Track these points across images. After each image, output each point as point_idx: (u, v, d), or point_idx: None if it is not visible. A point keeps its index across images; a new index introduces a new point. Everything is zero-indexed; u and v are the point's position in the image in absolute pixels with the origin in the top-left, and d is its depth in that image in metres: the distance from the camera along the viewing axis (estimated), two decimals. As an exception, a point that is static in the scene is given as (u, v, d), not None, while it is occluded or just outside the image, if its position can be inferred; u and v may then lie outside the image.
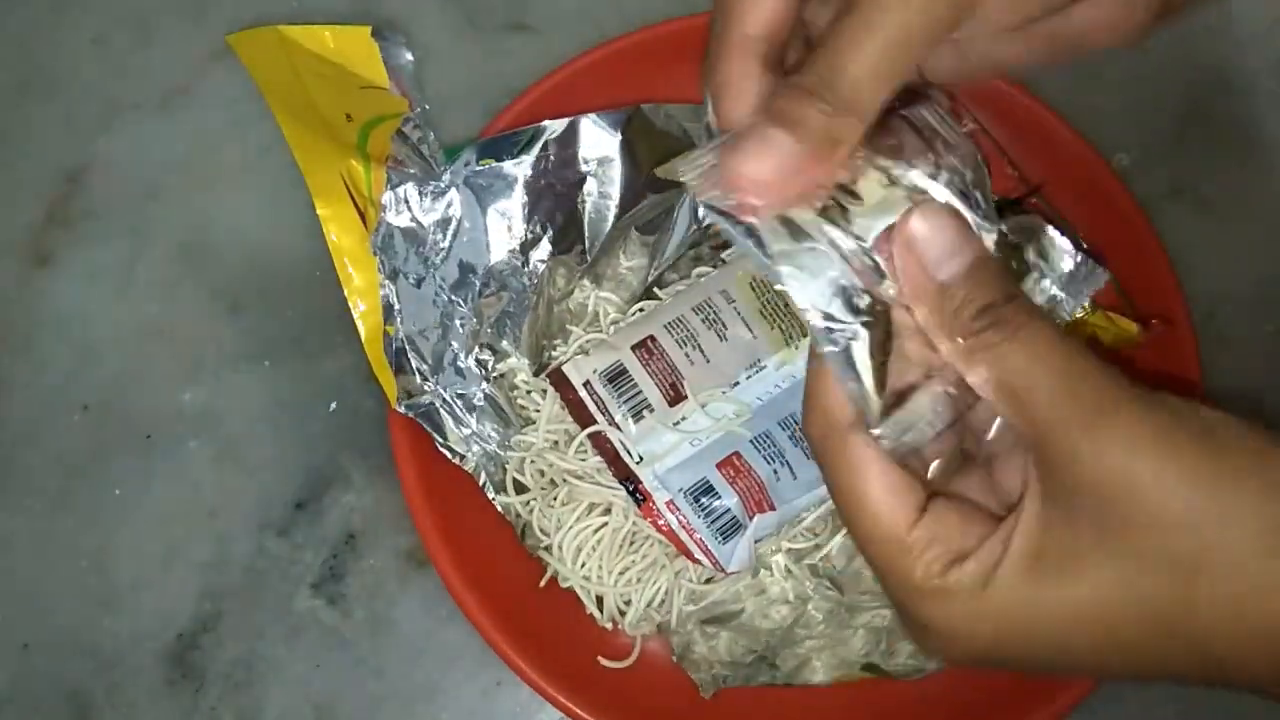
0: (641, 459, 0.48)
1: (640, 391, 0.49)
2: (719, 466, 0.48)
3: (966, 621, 0.29)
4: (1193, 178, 0.58)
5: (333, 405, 0.55)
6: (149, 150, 0.59)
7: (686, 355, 0.49)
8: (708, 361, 0.49)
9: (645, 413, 0.48)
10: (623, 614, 0.50)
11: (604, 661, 0.49)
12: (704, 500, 0.47)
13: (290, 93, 0.46)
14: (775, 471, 0.48)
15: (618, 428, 0.48)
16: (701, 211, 0.32)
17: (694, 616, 0.50)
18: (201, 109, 0.59)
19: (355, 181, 0.47)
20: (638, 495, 0.48)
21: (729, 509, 0.47)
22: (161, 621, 0.52)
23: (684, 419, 0.48)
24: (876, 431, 0.30)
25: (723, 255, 0.54)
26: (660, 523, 0.48)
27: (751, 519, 0.48)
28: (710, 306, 0.50)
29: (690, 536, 0.47)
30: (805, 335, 0.50)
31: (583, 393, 0.49)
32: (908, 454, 0.31)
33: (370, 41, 0.43)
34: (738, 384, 0.49)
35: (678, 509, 0.47)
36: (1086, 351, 0.29)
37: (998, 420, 0.31)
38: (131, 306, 0.56)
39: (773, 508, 0.48)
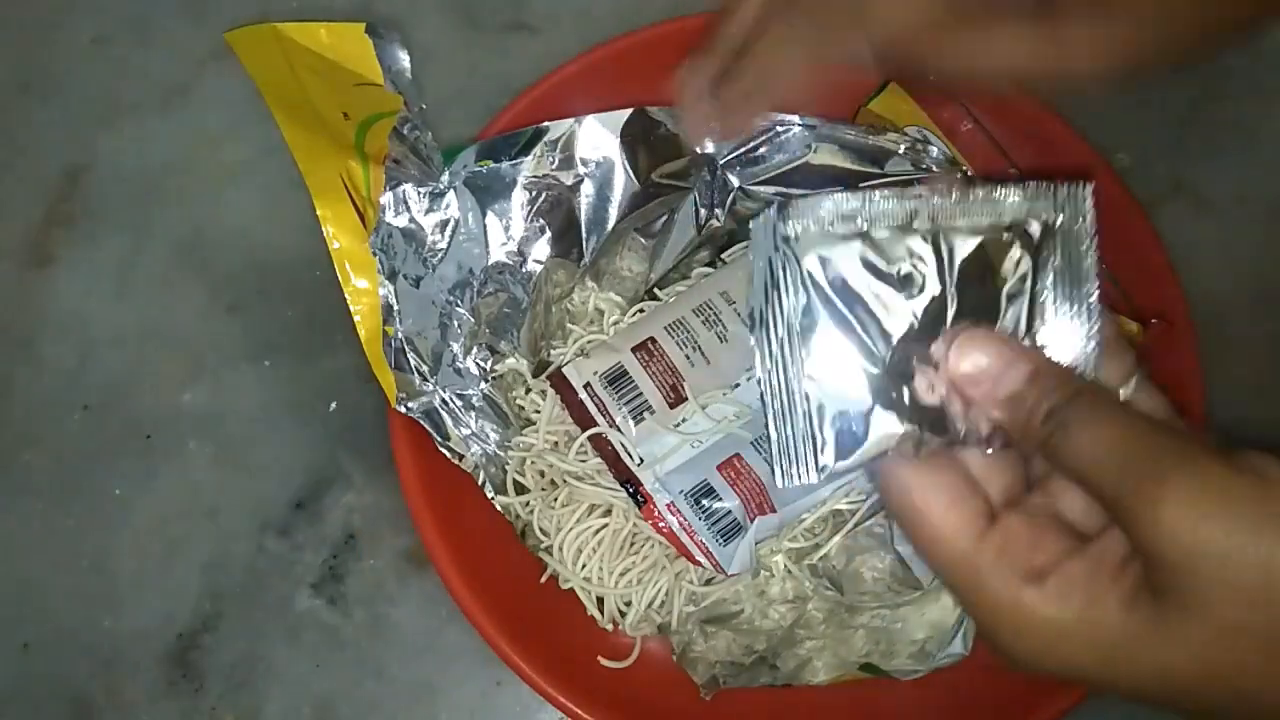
0: (642, 461, 0.48)
1: (640, 393, 0.49)
2: (720, 468, 0.48)
3: (1050, 639, 0.29)
4: (1193, 178, 0.58)
5: (333, 405, 0.55)
6: (149, 150, 0.59)
7: (687, 357, 0.49)
8: (708, 363, 0.49)
9: (646, 414, 0.48)
10: (623, 615, 0.50)
11: (604, 661, 0.49)
12: (705, 502, 0.47)
13: (288, 91, 0.46)
14: None
15: (618, 429, 0.48)
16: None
17: (694, 617, 0.50)
18: (201, 109, 0.59)
19: (354, 182, 0.47)
20: (638, 497, 0.48)
21: (729, 511, 0.47)
22: (161, 621, 0.52)
23: (684, 420, 0.48)
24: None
25: (723, 256, 0.54)
26: (661, 525, 0.48)
27: (752, 521, 0.48)
28: (710, 308, 0.50)
29: (691, 538, 0.47)
30: None
31: (583, 395, 0.49)
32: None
33: (364, 38, 0.43)
34: (738, 385, 0.49)
35: (678, 511, 0.47)
36: (1139, 424, 0.29)
37: None
38: (131, 306, 0.56)
39: (774, 509, 0.48)
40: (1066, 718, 0.47)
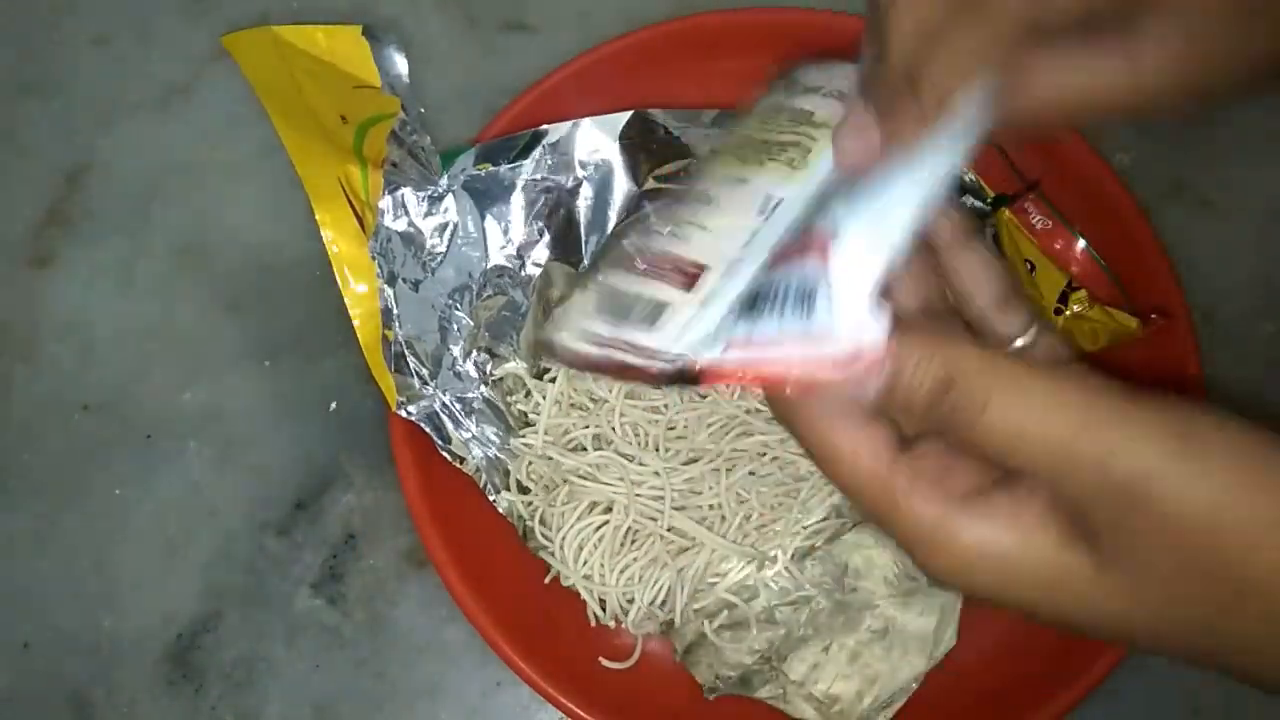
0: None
1: (644, 297, 0.34)
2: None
3: (973, 561, 0.30)
4: (1193, 178, 0.58)
5: (333, 405, 0.55)
6: (149, 150, 0.59)
7: (671, 233, 0.36)
8: (704, 229, 0.36)
9: (662, 314, 0.33)
10: (625, 612, 0.50)
11: (605, 662, 0.49)
12: (759, 304, 0.32)
13: (286, 95, 0.46)
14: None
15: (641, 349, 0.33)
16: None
17: (697, 615, 0.50)
18: (201, 109, 0.59)
19: (353, 186, 0.47)
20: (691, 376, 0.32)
21: (790, 282, 0.32)
22: (161, 621, 0.52)
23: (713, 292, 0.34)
24: None
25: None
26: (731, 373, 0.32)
27: (827, 265, 0.33)
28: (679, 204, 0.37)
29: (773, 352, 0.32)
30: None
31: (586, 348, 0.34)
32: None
33: (361, 41, 0.43)
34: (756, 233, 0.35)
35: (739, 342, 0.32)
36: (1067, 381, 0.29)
37: None
38: (131, 306, 0.56)
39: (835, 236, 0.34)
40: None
